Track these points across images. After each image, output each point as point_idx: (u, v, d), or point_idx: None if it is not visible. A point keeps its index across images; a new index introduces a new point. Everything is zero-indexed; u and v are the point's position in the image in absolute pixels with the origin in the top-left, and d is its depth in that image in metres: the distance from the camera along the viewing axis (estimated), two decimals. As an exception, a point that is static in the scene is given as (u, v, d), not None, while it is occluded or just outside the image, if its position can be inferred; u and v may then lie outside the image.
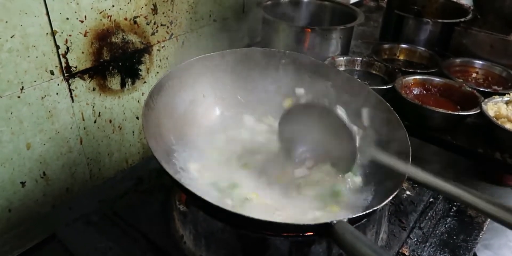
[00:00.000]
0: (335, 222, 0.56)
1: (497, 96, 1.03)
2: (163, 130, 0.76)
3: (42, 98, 0.90)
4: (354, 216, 0.58)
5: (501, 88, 1.14)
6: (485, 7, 1.34)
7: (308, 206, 0.71)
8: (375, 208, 0.60)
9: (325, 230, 0.57)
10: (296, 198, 0.73)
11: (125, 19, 1.01)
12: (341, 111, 0.77)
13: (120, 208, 0.82)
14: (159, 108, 0.76)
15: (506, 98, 1.02)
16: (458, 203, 0.86)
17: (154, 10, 1.07)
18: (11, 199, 0.92)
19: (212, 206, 0.60)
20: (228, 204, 0.70)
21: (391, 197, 0.61)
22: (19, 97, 0.85)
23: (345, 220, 0.57)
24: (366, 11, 1.78)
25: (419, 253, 0.74)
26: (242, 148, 0.85)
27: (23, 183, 0.93)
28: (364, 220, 0.64)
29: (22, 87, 0.85)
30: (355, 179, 0.75)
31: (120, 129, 1.12)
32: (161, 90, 0.77)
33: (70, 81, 0.94)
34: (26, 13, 0.81)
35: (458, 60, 1.24)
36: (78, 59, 0.94)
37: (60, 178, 1.01)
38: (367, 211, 0.59)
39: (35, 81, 0.87)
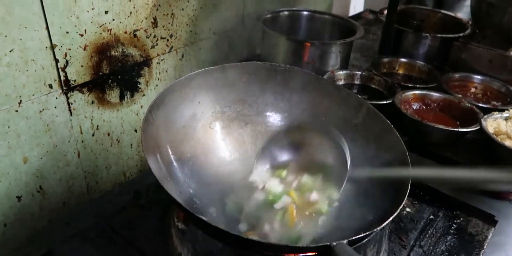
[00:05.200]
0: (334, 244, 0.56)
1: (497, 112, 1.03)
2: (162, 145, 0.76)
3: (40, 111, 0.89)
4: (353, 238, 0.58)
5: (499, 103, 1.14)
6: (484, 22, 1.35)
7: None
8: (375, 230, 0.59)
9: (324, 252, 0.56)
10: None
11: (125, 32, 1.01)
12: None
13: (117, 224, 0.81)
14: (159, 123, 0.75)
15: (505, 114, 1.02)
16: (458, 220, 0.85)
17: (154, 24, 1.07)
18: (6, 213, 0.90)
19: (211, 226, 0.59)
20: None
21: (391, 218, 0.61)
22: (17, 111, 0.85)
23: (345, 242, 0.56)
24: (365, 24, 1.79)
25: (419, 273, 0.74)
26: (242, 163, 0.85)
27: (19, 198, 0.92)
28: (364, 240, 0.63)
29: (20, 101, 0.85)
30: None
31: (118, 142, 1.11)
32: (160, 104, 0.76)
33: (68, 95, 0.94)
34: (25, 27, 0.80)
35: (457, 75, 1.24)
36: (77, 73, 0.94)
37: (57, 192, 0.99)
38: (367, 233, 0.59)
39: (33, 95, 0.87)
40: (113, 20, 0.96)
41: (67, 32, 0.88)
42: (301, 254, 0.60)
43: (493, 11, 1.27)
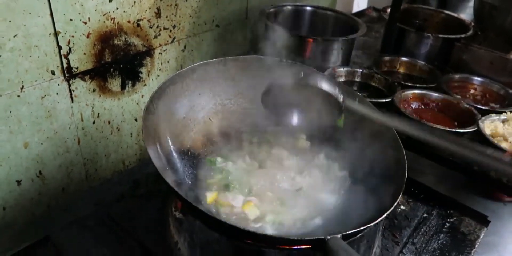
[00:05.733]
0: (329, 237, 0.57)
1: (494, 114, 1.04)
2: (162, 135, 0.77)
3: (42, 97, 0.90)
4: (347, 232, 0.59)
5: (498, 105, 1.15)
6: (486, 23, 1.35)
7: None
8: (369, 225, 0.60)
9: (318, 245, 0.57)
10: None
11: (129, 21, 1.01)
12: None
13: (116, 213, 0.82)
14: (159, 113, 0.76)
15: (503, 116, 1.03)
16: (451, 219, 0.87)
17: (158, 14, 1.07)
18: (6, 197, 0.91)
19: (209, 217, 0.60)
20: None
21: (386, 214, 0.62)
22: (19, 96, 0.85)
23: (339, 236, 0.57)
24: (367, 21, 1.79)
25: (411, 269, 0.75)
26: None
27: (19, 182, 0.92)
28: (358, 235, 0.64)
29: (22, 86, 0.85)
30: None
31: (119, 130, 1.12)
32: (162, 94, 0.77)
33: (70, 82, 0.94)
34: (30, 13, 0.81)
35: (457, 76, 1.24)
36: (80, 60, 0.94)
37: (56, 178, 1.00)
38: (361, 228, 0.60)
39: (35, 81, 0.87)
40: (117, 9, 0.97)
41: (71, 20, 0.88)
42: (296, 247, 0.61)
43: (495, 12, 1.27)
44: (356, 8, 2.02)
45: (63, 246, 0.74)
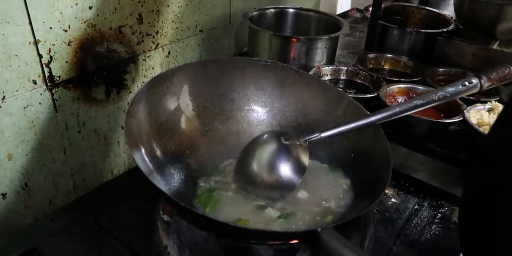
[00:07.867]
0: (320, 229, 0.56)
1: (479, 104, 1.04)
2: (145, 138, 0.76)
3: (25, 108, 0.89)
4: (339, 223, 0.58)
5: (483, 96, 1.15)
6: (467, 18, 1.37)
7: None
8: (360, 214, 0.60)
9: (311, 238, 0.57)
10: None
11: (110, 28, 1.01)
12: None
13: (103, 219, 0.81)
14: (141, 116, 0.75)
15: (488, 106, 1.04)
16: (443, 210, 0.86)
17: (140, 20, 1.07)
18: (-9, 211, 0.90)
19: (197, 216, 0.59)
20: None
21: (374, 203, 0.61)
22: (0, 107, 0.84)
23: (331, 227, 0.57)
24: (351, 22, 1.80)
25: (405, 261, 0.74)
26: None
27: (3, 195, 0.91)
28: (350, 226, 0.63)
29: (4, 96, 0.84)
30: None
31: (105, 139, 1.11)
32: (142, 98, 0.76)
33: (53, 91, 0.93)
34: (8, 22, 0.80)
35: (441, 69, 1.25)
36: (62, 69, 0.93)
37: (43, 190, 0.99)
38: (353, 218, 0.59)
39: (17, 91, 0.86)
40: (98, 16, 0.96)
41: (51, 28, 0.88)
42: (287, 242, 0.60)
43: (475, 6, 1.29)
44: (339, 10, 2.04)
45: (50, 255, 0.72)
